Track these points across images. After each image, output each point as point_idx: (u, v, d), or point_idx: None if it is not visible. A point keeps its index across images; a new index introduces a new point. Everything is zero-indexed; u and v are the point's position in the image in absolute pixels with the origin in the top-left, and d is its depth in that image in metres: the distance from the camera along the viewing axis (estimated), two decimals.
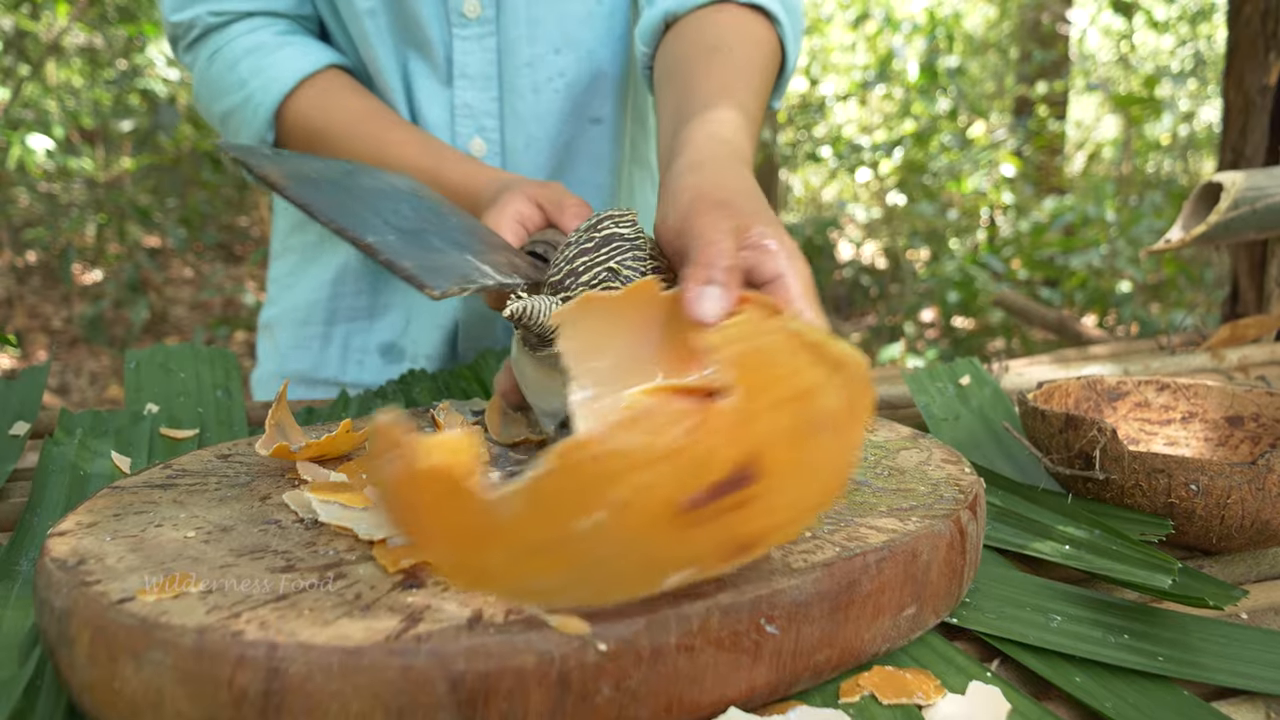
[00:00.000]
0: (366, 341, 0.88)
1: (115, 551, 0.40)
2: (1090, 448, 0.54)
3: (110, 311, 3.75)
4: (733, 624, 0.38)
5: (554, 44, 0.83)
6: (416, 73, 0.82)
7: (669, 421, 0.33)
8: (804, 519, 0.37)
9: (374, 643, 0.33)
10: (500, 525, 0.32)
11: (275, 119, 0.79)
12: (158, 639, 0.34)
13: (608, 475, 0.32)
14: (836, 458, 0.37)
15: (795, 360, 0.37)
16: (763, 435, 0.34)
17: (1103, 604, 0.49)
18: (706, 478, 0.33)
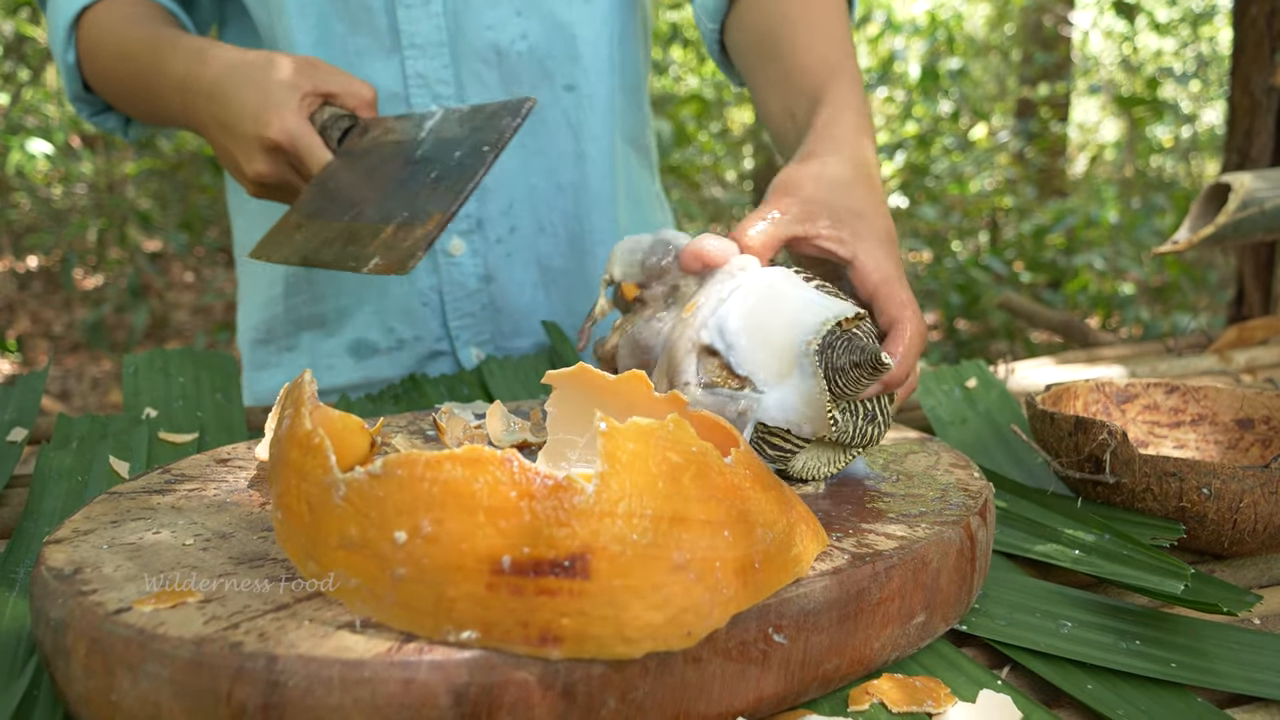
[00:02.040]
0: (333, 345, 0.87)
1: (112, 560, 0.39)
2: (1100, 451, 0.53)
3: (111, 316, 3.75)
4: (740, 634, 0.37)
5: (515, 6, 0.82)
6: (350, 47, 0.80)
7: (512, 481, 0.33)
8: (636, 642, 0.33)
9: (375, 655, 0.33)
10: (329, 509, 0.33)
11: (74, 35, 0.80)
12: (154, 651, 0.33)
13: (422, 499, 0.32)
14: (695, 599, 0.34)
15: (680, 488, 0.35)
16: (606, 539, 0.33)
17: (1113, 609, 0.48)
18: (533, 550, 0.32)
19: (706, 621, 0.35)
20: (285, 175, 0.67)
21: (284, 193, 0.70)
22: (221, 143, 0.69)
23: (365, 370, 0.87)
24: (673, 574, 0.34)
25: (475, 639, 0.33)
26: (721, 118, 6.18)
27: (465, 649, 0.33)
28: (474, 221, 0.85)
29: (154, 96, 0.74)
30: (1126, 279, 3.81)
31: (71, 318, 3.86)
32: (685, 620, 0.34)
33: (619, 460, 0.34)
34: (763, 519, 0.37)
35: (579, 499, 0.33)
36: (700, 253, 0.51)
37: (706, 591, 0.34)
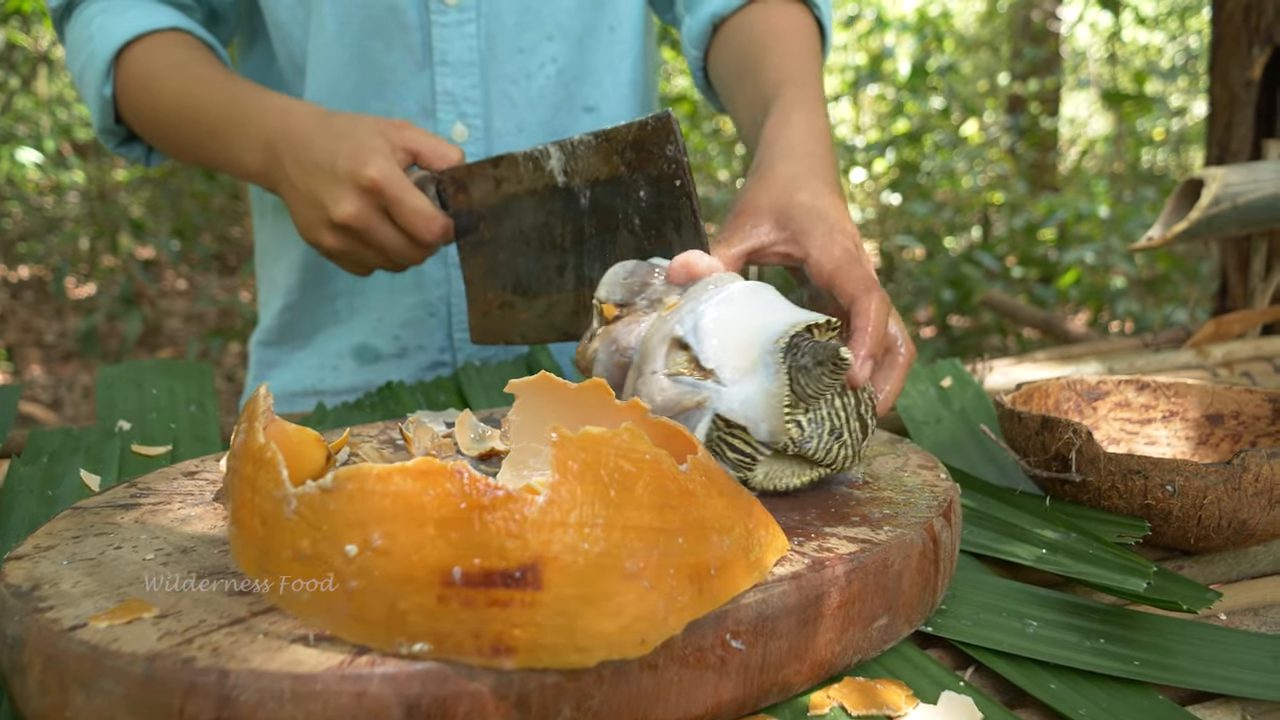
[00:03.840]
0: (340, 347, 0.88)
1: (71, 576, 0.39)
2: (1066, 449, 0.53)
3: (104, 325, 3.74)
4: (697, 640, 0.37)
5: (546, 31, 0.83)
6: (384, 63, 0.81)
7: (462, 492, 0.33)
8: (590, 651, 0.33)
9: (327, 669, 0.33)
10: (281, 523, 0.34)
11: (113, 69, 0.79)
12: (108, 667, 0.33)
13: (373, 512, 0.33)
14: (649, 607, 0.34)
15: (633, 496, 0.35)
16: (557, 549, 0.33)
17: (1079, 608, 0.48)
18: (483, 562, 0.32)
19: (661, 629, 0.35)
20: (371, 221, 0.67)
21: (359, 243, 0.69)
22: (308, 189, 0.68)
23: (368, 374, 0.88)
24: (626, 582, 0.34)
25: (427, 651, 0.33)
26: (714, 117, 6.19)
27: (418, 661, 0.33)
28: None
29: (229, 146, 0.74)
30: (1117, 273, 3.81)
31: (63, 326, 3.85)
32: (639, 628, 0.34)
33: (570, 470, 0.34)
34: (719, 525, 0.38)
35: (529, 509, 0.33)
36: (688, 264, 0.52)
37: (661, 599, 0.35)
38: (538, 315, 0.65)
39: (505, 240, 0.66)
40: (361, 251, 0.70)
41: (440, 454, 0.52)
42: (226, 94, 0.75)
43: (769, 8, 0.77)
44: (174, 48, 0.79)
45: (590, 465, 0.34)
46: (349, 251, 0.70)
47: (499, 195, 0.66)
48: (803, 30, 0.76)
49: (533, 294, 0.65)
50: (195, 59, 0.78)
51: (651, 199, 0.57)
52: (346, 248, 0.69)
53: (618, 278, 0.55)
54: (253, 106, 0.73)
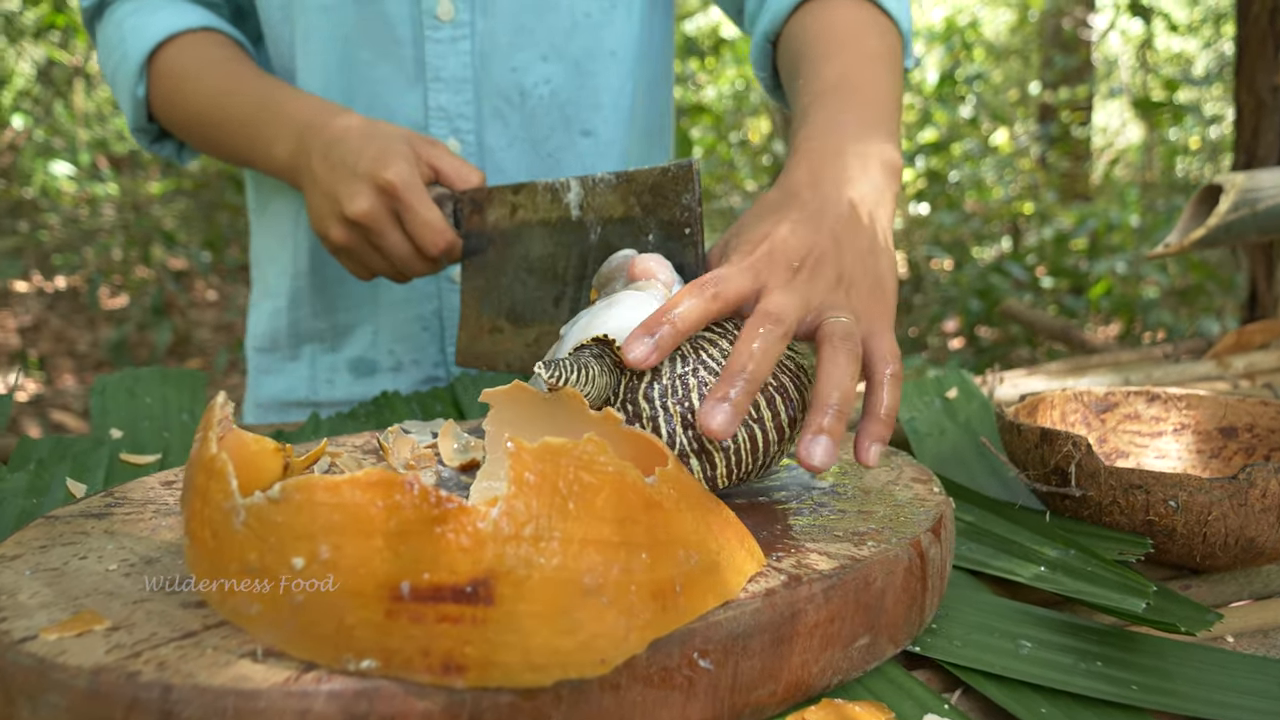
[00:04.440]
0: (335, 360, 0.88)
1: (30, 587, 0.39)
2: (1065, 463, 0.51)
3: (134, 335, 3.79)
4: (663, 659, 0.36)
5: (541, 51, 0.83)
6: (374, 75, 0.81)
7: (412, 504, 0.32)
8: (546, 670, 0.32)
9: (272, 685, 0.32)
10: (231, 535, 0.33)
11: (146, 69, 0.80)
12: (53, 680, 0.33)
13: (320, 524, 0.32)
14: (608, 624, 0.33)
15: (593, 509, 0.34)
16: (510, 564, 0.32)
17: (1077, 628, 0.47)
18: (433, 576, 0.31)
19: (621, 647, 0.33)
20: (381, 221, 0.67)
21: (366, 243, 0.70)
22: (328, 181, 0.69)
23: (365, 387, 0.87)
24: (584, 598, 0.33)
25: (375, 668, 0.32)
26: (740, 127, 6.17)
27: (367, 678, 0.32)
28: None
29: (259, 141, 0.75)
30: (1150, 283, 3.75)
31: (95, 336, 3.90)
32: (598, 646, 0.33)
33: (526, 481, 0.33)
34: (686, 540, 0.36)
35: (482, 523, 0.32)
36: (635, 265, 0.52)
37: (621, 616, 0.33)
38: (525, 344, 0.64)
39: (509, 266, 0.66)
40: (367, 252, 0.70)
41: (420, 465, 0.51)
42: (259, 89, 0.76)
43: (817, 10, 0.71)
44: (205, 46, 0.80)
45: (548, 477, 0.33)
46: (355, 250, 0.70)
47: (513, 221, 0.66)
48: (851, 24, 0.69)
49: (525, 323, 0.64)
50: (226, 57, 0.80)
51: (660, 244, 0.57)
52: (353, 245, 0.70)
53: (606, 266, 0.56)
54: (286, 100, 0.75)
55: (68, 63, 4.73)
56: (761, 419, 0.48)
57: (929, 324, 3.91)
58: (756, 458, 0.48)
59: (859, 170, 0.56)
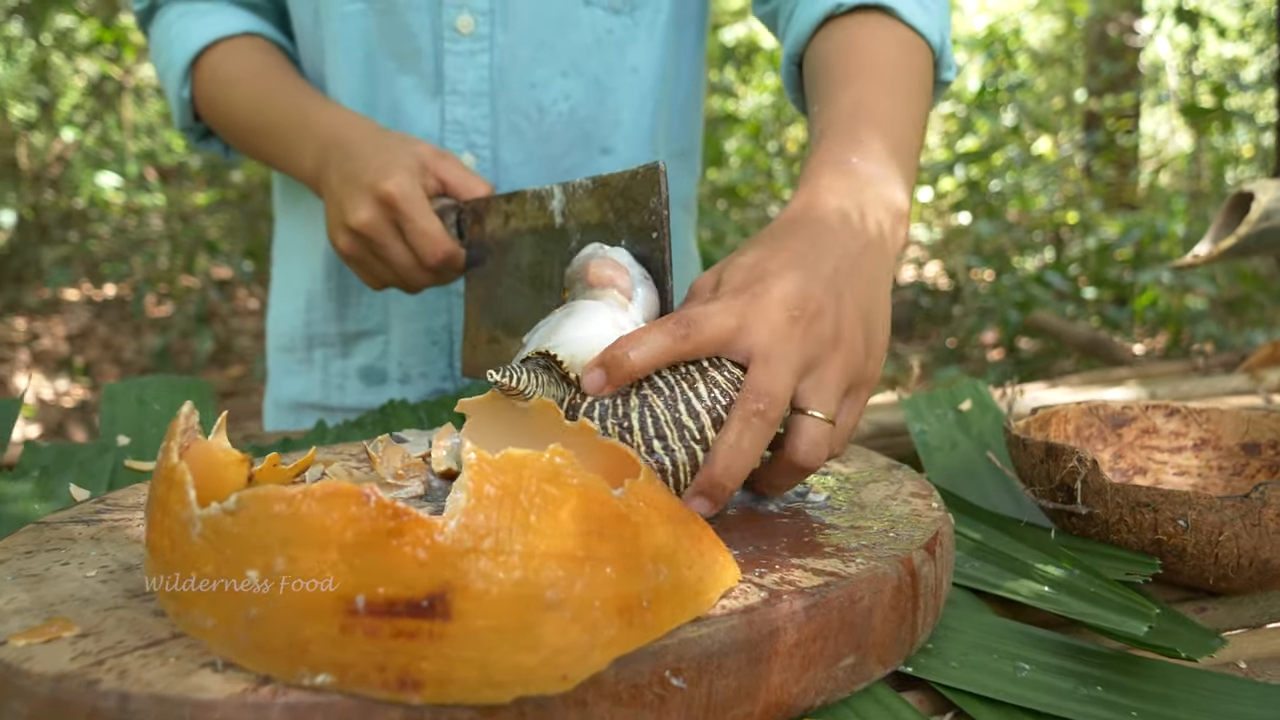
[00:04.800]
0: (345, 366, 0.88)
1: (9, 592, 0.39)
2: (1071, 479, 0.50)
3: (178, 342, 3.85)
4: (631, 676, 0.35)
5: (561, 67, 0.82)
6: (397, 86, 0.81)
7: (368, 516, 0.31)
8: (505, 687, 0.31)
9: (228, 696, 0.31)
10: (188, 546, 0.33)
11: (190, 72, 0.83)
12: (16, 687, 0.33)
13: (275, 535, 0.31)
14: (571, 640, 0.32)
15: (556, 522, 0.33)
16: (469, 578, 0.31)
17: (1079, 651, 0.45)
18: (389, 590, 0.31)
19: (584, 664, 0.33)
20: (382, 232, 0.68)
21: (369, 252, 0.71)
22: (339, 193, 0.70)
23: (375, 395, 0.88)
24: (545, 613, 0.32)
25: (331, 683, 0.31)
26: (779, 135, 6.15)
27: (324, 691, 0.32)
28: None
29: (288, 151, 0.78)
30: (1199, 294, 3.66)
31: (141, 343, 3.98)
32: (560, 662, 0.32)
33: (485, 494, 0.32)
34: (656, 554, 0.35)
35: (440, 535, 0.31)
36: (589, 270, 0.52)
37: (584, 632, 0.33)
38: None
39: (505, 275, 0.66)
40: (373, 262, 0.71)
41: (409, 474, 0.50)
42: (291, 99, 0.78)
43: (838, 30, 0.68)
44: (246, 52, 0.82)
45: (509, 489, 0.33)
46: (361, 260, 0.71)
47: (506, 230, 0.66)
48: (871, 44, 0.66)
49: (517, 332, 0.64)
50: (265, 64, 0.82)
51: (630, 248, 0.56)
52: (359, 255, 0.71)
53: (574, 263, 0.55)
54: (314, 112, 0.76)
55: (117, 76, 4.83)
56: (705, 438, 0.46)
57: (967, 335, 3.86)
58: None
59: (862, 216, 0.54)
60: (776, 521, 0.48)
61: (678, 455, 0.45)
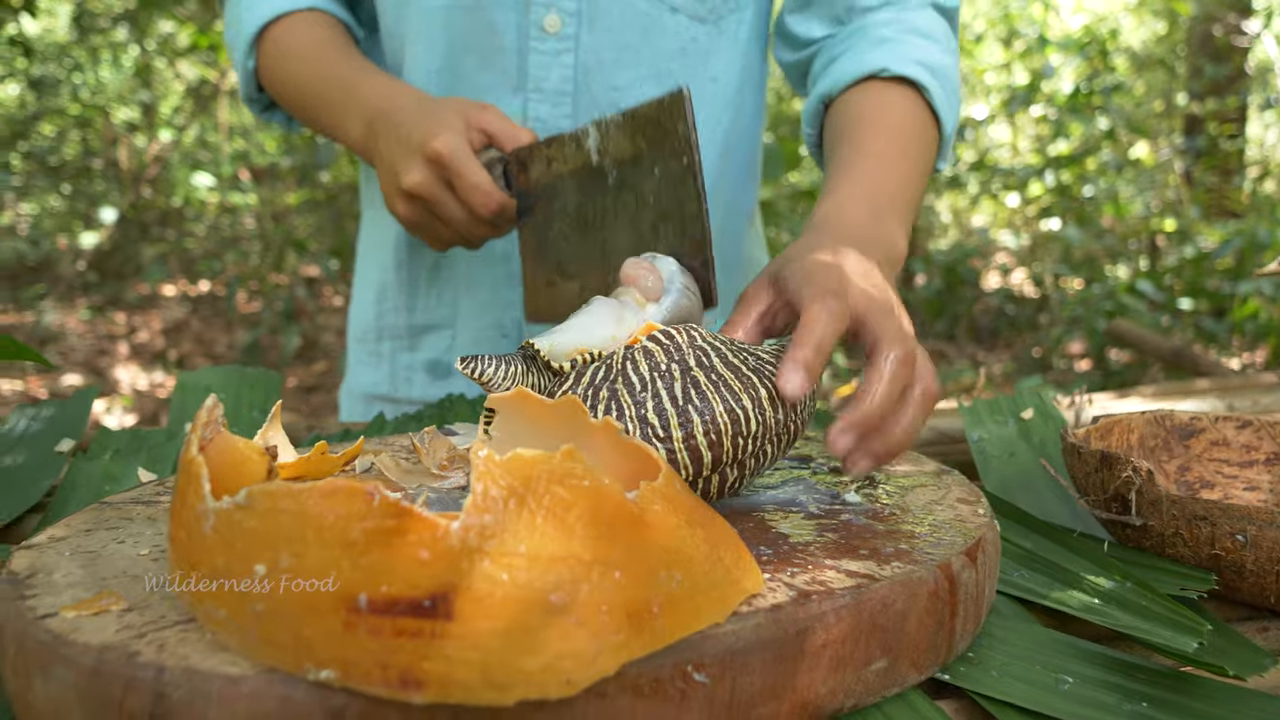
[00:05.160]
0: (412, 359, 0.90)
1: (66, 567, 0.41)
2: (1125, 489, 0.48)
3: (266, 338, 3.97)
4: (653, 670, 0.35)
5: (643, 72, 0.83)
6: (478, 82, 0.82)
7: (372, 514, 0.31)
8: (507, 689, 0.31)
9: (256, 672, 0.32)
10: (201, 538, 0.33)
11: (255, 45, 0.85)
12: (62, 656, 0.34)
13: (282, 531, 0.32)
14: (576, 644, 0.32)
15: (564, 525, 0.33)
16: (472, 579, 0.31)
17: (1127, 666, 0.44)
18: (390, 589, 0.31)
19: (590, 669, 0.32)
20: (435, 190, 0.70)
21: (426, 213, 0.72)
22: (389, 159, 0.72)
23: (440, 389, 0.89)
24: (549, 617, 0.32)
25: (334, 679, 0.32)
26: None
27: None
28: None
29: (339, 121, 0.80)
30: None
31: (232, 338, 4.11)
32: (564, 666, 0.32)
33: (491, 495, 0.32)
34: (669, 559, 0.35)
35: (443, 535, 0.32)
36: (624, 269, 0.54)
37: (590, 637, 0.32)
38: (576, 296, 0.65)
39: (553, 220, 0.67)
40: (431, 223, 0.72)
41: (453, 465, 0.51)
42: (342, 71, 0.80)
43: (876, 90, 0.76)
44: (307, 27, 0.84)
45: (516, 490, 0.33)
46: (421, 222, 0.73)
47: (550, 175, 0.67)
48: (900, 112, 0.75)
49: (570, 275, 0.65)
50: (326, 38, 0.84)
51: (664, 177, 0.57)
52: (418, 218, 0.72)
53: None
54: (361, 83, 0.78)
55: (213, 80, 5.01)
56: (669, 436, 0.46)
57: (1053, 345, 3.76)
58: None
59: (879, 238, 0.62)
60: (816, 522, 0.47)
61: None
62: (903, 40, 0.77)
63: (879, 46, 0.77)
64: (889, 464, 0.56)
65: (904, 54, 0.76)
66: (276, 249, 4.40)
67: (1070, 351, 3.92)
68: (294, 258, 4.42)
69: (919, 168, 0.73)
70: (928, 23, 0.80)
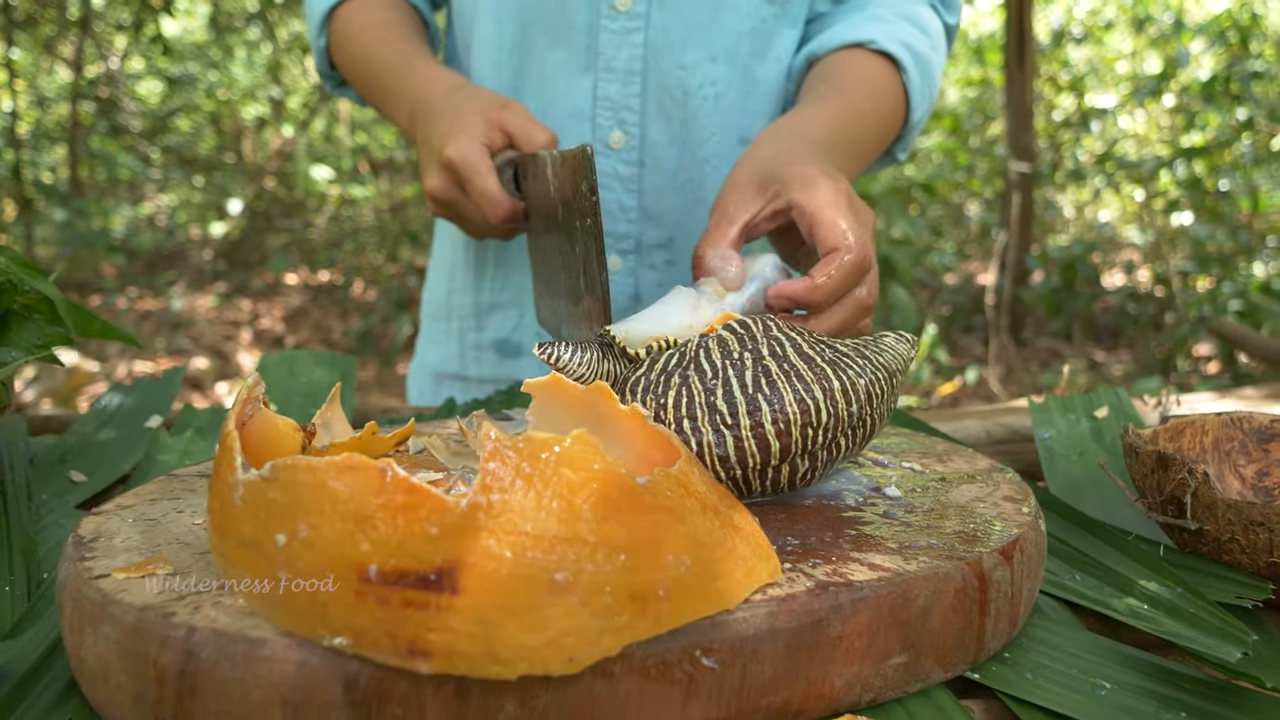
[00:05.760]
0: (480, 339, 0.91)
1: (126, 532, 0.44)
2: (1181, 492, 0.46)
3: (379, 327, 4.11)
4: (660, 653, 0.35)
5: (711, 52, 0.83)
6: (547, 61, 0.83)
7: (384, 489, 0.32)
8: (510, 664, 0.32)
9: (277, 635, 0.34)
10: (232, 509, 0.35)
11: (327, 23, 0.88)
12: (109, 614, 0.37)
13: (301, 503, 0.33)
14: (578, 623, 0.33)
15: (571, 506, 0.33)
16: (477, 555, 0.32)
17: (1169, 674, 0.42)
18: (399, 562, 0.32)
19: (592, 649, 0.33)
20: (453, 194, 0.71)
21: (451, 212, 0.74)
22: (420, 158, 0.75)
23: (508, 369, 0.91)
24: (553, 595, 0.33)
25: (347, 645, 0.33)
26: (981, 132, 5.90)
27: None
28: (633, 243, 0.86)
29: (391, 106, 0.83)
30: None
31: (347, 326, 4.27)
32: (566, 644, 0.33)
33: (499, 475, 0.33)
34: (678, 545, 0.36)
35: (451, 512, 0.33)
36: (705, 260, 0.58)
37: (593, 617, 0.33)
38: (553, 313, 0.66)
39: (543, 234, 0.67)
40: (459, 220, 0.74)
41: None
42: (395, 58, 0.82)
43: (859, 56, 0.80)
44: (372, 10, 0.87)
45: (524, 471, 0.34)
46: (449, 218, 0.74)
47: (535, 189, 0.67)
48: (876, 80, 0.79)
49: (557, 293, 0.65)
50: (388, 19, 0.86)
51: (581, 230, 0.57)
52: (445, 215, 0.74)
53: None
54: (409, 72, 0.80)
55: None
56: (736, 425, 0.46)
57: (1177, 345, 3.58)
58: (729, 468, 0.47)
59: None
60: (847, 514, 0.47)
61: (704, 436, 0.46)
62: (895, 22, 0.81)
63: (871, 22, 0.81)
64: None
65: (893, 34, 0.80)
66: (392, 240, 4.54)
67: (1198, 353, 3.73)
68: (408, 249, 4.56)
69: (877, 133, 0.78)
70: (925, 17, 0.84)
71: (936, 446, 0.59)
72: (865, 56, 0.80)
